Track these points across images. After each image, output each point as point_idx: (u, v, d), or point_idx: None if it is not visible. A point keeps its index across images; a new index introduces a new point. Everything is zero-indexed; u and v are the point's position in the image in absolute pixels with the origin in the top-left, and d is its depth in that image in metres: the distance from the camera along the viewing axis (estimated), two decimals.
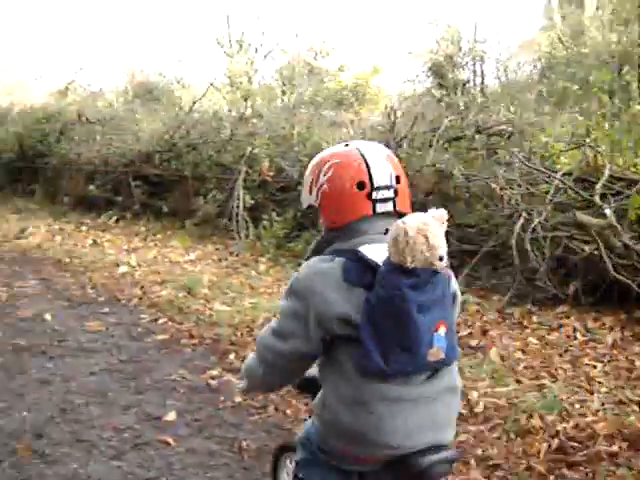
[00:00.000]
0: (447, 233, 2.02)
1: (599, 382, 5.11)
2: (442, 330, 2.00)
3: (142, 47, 55.58)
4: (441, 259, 1.94)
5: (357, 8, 46.91)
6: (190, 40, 42.61)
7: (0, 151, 18.36)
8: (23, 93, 28.99)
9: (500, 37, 30.30)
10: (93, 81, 25.15)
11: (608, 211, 6.67)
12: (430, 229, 1.92)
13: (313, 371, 2.33)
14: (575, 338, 6.12)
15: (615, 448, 4.03)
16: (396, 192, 2.14)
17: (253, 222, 10.60)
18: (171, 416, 4.73)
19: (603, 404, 4.68)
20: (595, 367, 5.42)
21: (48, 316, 7.28)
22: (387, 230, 2.02)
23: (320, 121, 13.00)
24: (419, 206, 2.21)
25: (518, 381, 5.18)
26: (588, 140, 8.09)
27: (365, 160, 2.14)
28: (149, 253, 10.39)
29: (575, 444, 4.10)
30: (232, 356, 5.93)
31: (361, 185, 2.10)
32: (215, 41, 42.54)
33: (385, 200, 2.13)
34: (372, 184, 2.11)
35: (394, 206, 2.14)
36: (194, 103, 14.19)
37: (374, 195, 2.11)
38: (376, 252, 2.02)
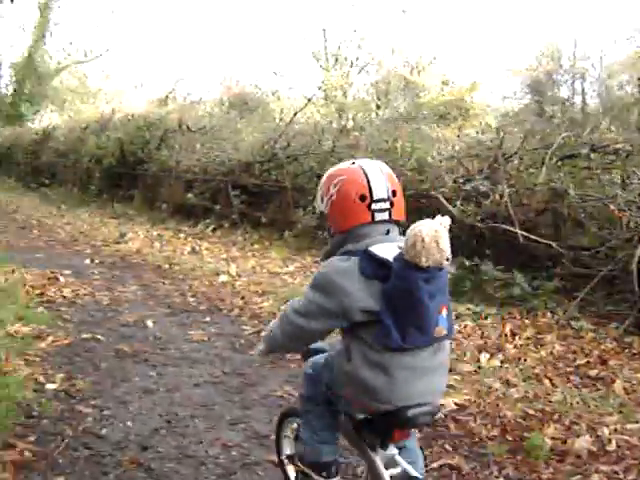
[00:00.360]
0: (559, 255, 2.09)
1: None
2: (444, 312, 2.58)
3: (239, 59, 56.48)
4: (447, 260, 2.46)
5: (455, 23, 46.55)
6: (286, 53, 43.01)
7: (101, 157, 18.71)
8: (124, 101, 29.68)
9: (601, 55, 29.45)
10: (192, 91, 25.53)
11: None
12: (441, 235, 2.42)
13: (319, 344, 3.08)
14: None
15: None
16: (392, 204, 2.63)
17: None
18: None
19: None
20: None
21: (150, 322, 7.22)
22: (388, 231, 2.65)
23: (422, 135, 12.72)
24: (531, 225, 2.14)
25: None
26: None
27: (367, 177, 2.62)
28: (248, 263, 10.30)
29: None
30: None
31: (363, 197, 2.60)
32: (311, 54, 42.68)
33: (382, 210, 2.62)
34: (372, 197, 2.60)
35: (390, 215, 2.64)
36: (295, 114, 14.11)
37: (373, 206, 2.61)
38: (384, 250, 2.55)
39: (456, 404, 5.07)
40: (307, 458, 3.09)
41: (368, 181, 2.60)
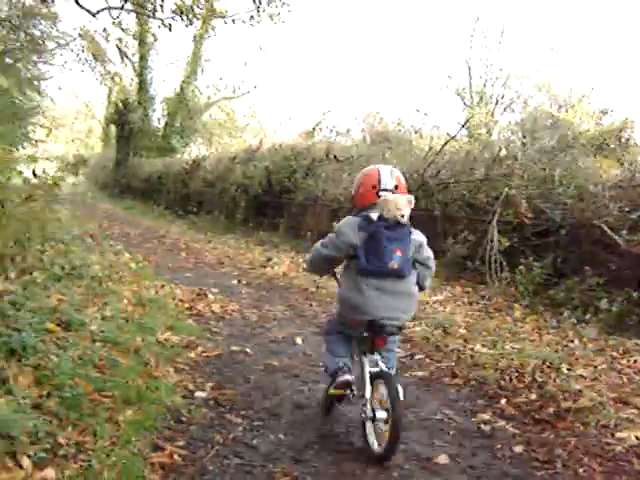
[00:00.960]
0: None
1: None
2: (398, 253, 4.07)
3: (382, 95, 56.87)
4: (402, 217, 4.08)
5: (606, 56, 45.15)
6: (429, 90, 42.80)
7: (248, 186, 18.91)
8: (271, 134, 30.20)
9: None
10: (338, 123, 25.63)
11: None
12: (400, 202, 4.09)
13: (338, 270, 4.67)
14: None
15: None
16: (393, 193, 4.23)
17: (508, 266, 9.85)
18: (442, 459, 4.16)
19: None
20: None
21: (299, 340, 7.04)
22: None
23: (579, 164, 12.02)
24: None
25: None
26: None
27: (379, 175, 4.32)
28: None
29: None
30: (503, 401, 5.27)
31: (373, 187, 4.30)
32: (455, 92, 42.31)
33: (389, 205, 4.11)
34: (380, 187, 4.27)
35: (389, 209, 4.11)
36: (445, 143, 13.72)
37: (380, 194, 4.24)
38: (375, 215, 4.17)
39: (637, 438, 4.53)
40: (329, 370, 4.54)
41: (379, 178, 4.32)
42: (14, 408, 3.83)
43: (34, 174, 7.72)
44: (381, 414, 4.06)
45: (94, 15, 16.31)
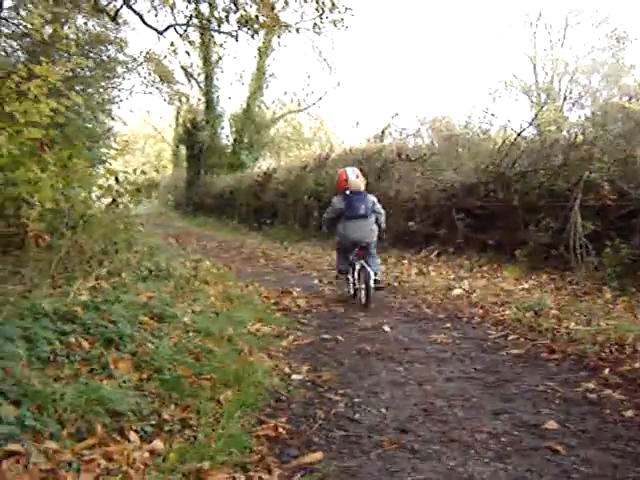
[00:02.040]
0: None
1: None
2: (362, 206, 8.67)
3: (447, 96, 56.62)
4: (360, 188, 8.88)
5: None
6: (493, 89, 42.38)
7: (320, 193, 18.91)
8: (340, 141, 30.28)
9: None
10: (406, 126, 25.50)
11: None
12: (357, 182, 8.95)
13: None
14: None
15: None
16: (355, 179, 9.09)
17: (593, 250, 9.60)
18: (551, 425, 4.03)
19: None
20: None
21: (387, 328, 7.00)
22: (351, 191, 8.87)
23: None
24: None
25: None
26: None
27: (346, 172, 9.26)
28: (479, 282, 9.81)
29: None
30: (606, 371, 5.11)
31: (345, 179, 9.09)
32: (521, 90, 41.71)
33: (351, 185, 8.92)
34: (347, 177, 9.08)
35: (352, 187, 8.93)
36: (519, 134, 13.49)
37: (348, 180, 9.02)
38: (348, 192, 8.84)
39: None
40: (337, 269, 9.38)
41: (346, 174, 9.14)
42: (117, 389, 3.90)
43: (117, 180, 7.85)
44: (361, 285, 8.45)
45: (161, 33, 16.59)
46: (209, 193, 30.11)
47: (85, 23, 20.90)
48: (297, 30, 17.56)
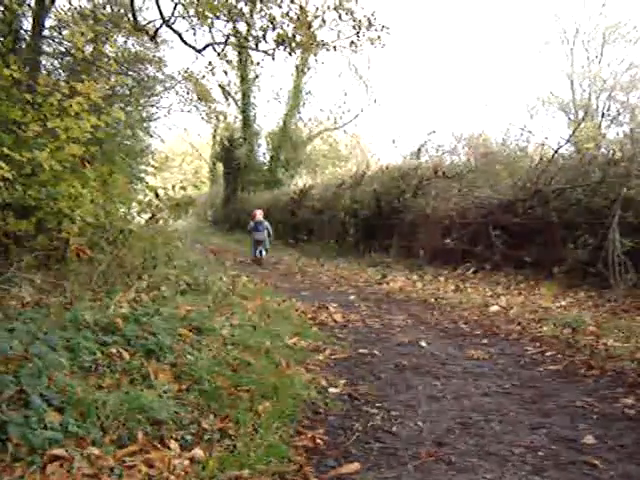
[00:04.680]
0: None
1: None
2: (260, 227, 17.96)
3: (484, 114, 56.45)
4: (261, 219, 18.09)
5: None
6: (530, 107, 42.20)
7: (356, 210, 19.02)
8: (377, 158, 30.32)
9: None
10: (442, 143, 25.48)
11: None
12: (259, 216, 18.20)
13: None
14: None
15: None
16: (255, 216, 18.44)
17: (632, 267, 9.53)
18: (589, 439, 4.02)
19: None
20: None
21: (424, 343, 6.99)
22: (259, 220, 18.31)
23: None
24: None
25: None
26: None
27: (255, 211, 18.76)
28: (516, 299, 9.78)
29: None
30: None
31: (254, 215, 18.47)
32: (558, 107, 41.31)
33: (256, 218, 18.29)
34: (255, 214, 18.50)
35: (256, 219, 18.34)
36: (556, 151, 13.44)
37: (255, 215, 18.49)
38: (257, 219, 18.25)
39: None
40: (251, 254, 18.44)
41: (255, 212, 18.64)
42: (157, 399, 3.98)
43: (156, 195, 7.98)
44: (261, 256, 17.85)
45: (199, 52, 16.79)
46: (246, 210, 30.26)
47: (125, 42, 21.33)
48: (334, 48, 17.62)
